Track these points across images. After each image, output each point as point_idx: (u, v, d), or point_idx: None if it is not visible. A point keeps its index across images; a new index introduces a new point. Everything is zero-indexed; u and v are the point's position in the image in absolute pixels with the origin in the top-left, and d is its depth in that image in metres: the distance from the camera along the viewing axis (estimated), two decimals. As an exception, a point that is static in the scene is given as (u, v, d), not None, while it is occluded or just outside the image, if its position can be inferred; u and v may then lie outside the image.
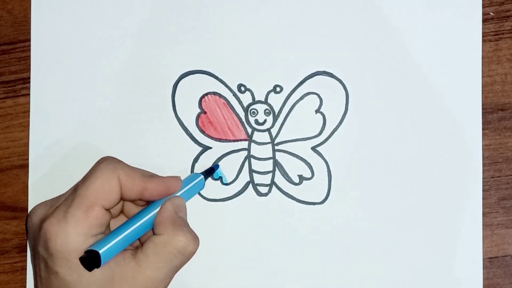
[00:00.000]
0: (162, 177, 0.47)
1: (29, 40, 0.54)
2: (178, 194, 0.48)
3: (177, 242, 0.45)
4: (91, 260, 0.42)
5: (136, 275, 0.44)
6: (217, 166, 0.53)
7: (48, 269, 0.43)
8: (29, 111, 0.54)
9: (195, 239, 0.45)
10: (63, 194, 0.47)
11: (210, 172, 0.52)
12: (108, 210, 0.45)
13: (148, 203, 0.47)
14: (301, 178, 0.53)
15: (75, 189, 0.45)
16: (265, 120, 0.53)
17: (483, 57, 0.53)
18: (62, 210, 0.44)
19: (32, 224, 0.46)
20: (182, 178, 0.49)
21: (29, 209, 0.54)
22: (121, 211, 0.48)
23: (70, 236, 0.43)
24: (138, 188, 0.45)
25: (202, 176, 0.51)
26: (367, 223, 0.53)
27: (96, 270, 0.43)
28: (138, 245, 0.48)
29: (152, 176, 0.47)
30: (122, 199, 0.46)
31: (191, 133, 0.54)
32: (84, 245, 0.43)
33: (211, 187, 0.53)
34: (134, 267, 0.44)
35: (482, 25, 0.53)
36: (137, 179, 0.45)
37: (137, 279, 0.44)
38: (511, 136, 0.53)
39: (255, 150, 0.53)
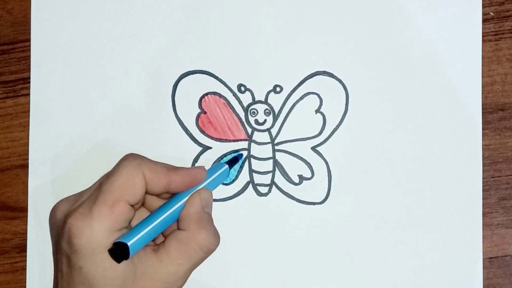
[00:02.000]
0: (187, 168, 0.48)
1: (29, 40, 0.54)
2: (203, 185, 0.48)
3: (200, 239, 0.45)
4: (120, 252, 0.42)
5: (157, 271, 0.44)
6: (241, 155, 0.53)
7: (71, 264, 0.44)
8: (29, 111, 0.54)
9: (217, 236, 0.46)
10: (87, 190, 0.47)
11: (234, 161, 0.52)
12: (132, 205, 0.45)
13: (172, 195, 0.48)
14: (301, 178, 0.53)
15: (100, 185, 0.45)
16: (265, 120, 0.53)
17: (483, 57, 0.53)
18: (87, 206, 0.44)
19: (56, 219, 0.46)
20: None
21: (29, 209, 0.54)
22: (142, 204, 0.49)
23: (95, 232, 0.43)
24: (163, 182, 0.46)
25: (226, 166, 0.51)
26: (367, 223, 0.53)
27: (119, 266, 0.43)
28: (158, 238, 0.48)
29: (176, 168, 0.47)
30: (148, 193, 0.46)
31: (191, 133, 0.54)
32: (108, 241, 0.43)
33: (211, 187, 0.53)
34: (156, 263, 0.45)
35: (482, 25, 0.53)
36: (162, 173, 0.45)
37: (158, 275, 0.44)
38: (511, 136, 0.53)
39: (255, 150, 0.53)
